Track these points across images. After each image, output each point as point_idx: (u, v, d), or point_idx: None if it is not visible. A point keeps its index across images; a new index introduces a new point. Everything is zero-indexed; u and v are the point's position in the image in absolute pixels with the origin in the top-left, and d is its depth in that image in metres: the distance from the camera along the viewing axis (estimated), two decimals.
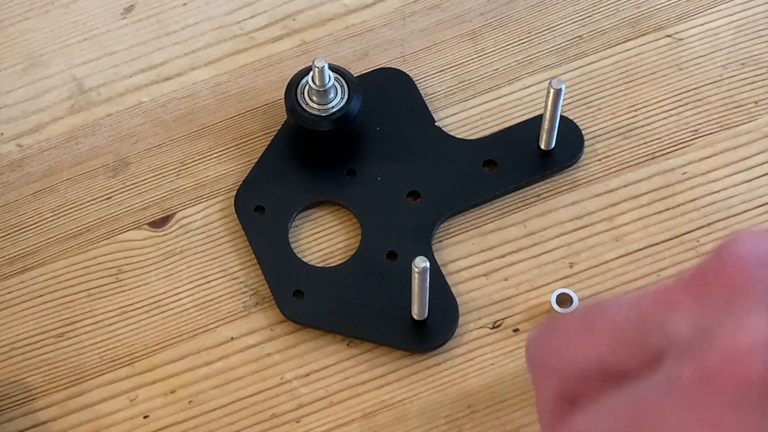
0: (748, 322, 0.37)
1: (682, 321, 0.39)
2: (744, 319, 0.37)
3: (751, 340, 0.36)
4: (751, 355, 0.36)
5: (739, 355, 0.36)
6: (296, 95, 0.59)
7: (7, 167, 0.61)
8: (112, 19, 0.65)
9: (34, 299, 0.58)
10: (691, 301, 0.39)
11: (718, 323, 0.37)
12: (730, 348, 0.36)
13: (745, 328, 0.37)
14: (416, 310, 0.55)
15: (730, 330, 0.37)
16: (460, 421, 0.55)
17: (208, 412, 0.55)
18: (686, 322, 0.39)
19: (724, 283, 0.38)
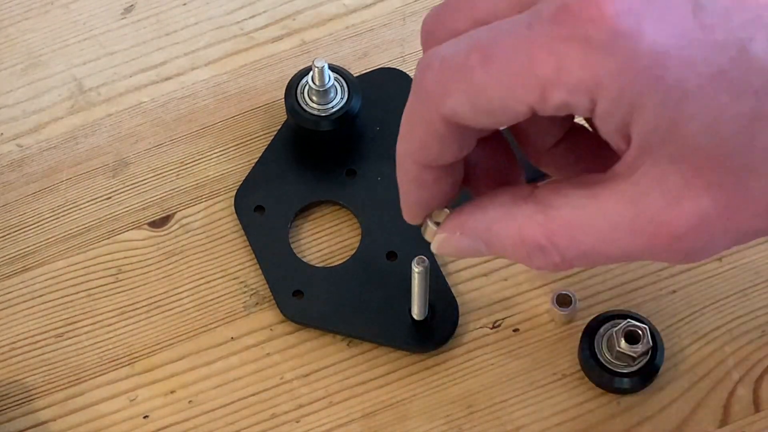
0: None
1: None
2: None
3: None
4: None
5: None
6: (296, 95, 0.59)
7: (7, 167, 0.61)
8: (112, 19, 0.65)
9: (34, 299, 0.58)
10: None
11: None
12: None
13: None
14: (416, 310, 0.55)
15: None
16: (460, 421, 0.55)
17: (208, 412, 0.55)
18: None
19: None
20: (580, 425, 0.54)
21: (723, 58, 0.39)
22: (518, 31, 0.40)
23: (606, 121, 0.40)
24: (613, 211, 0.41)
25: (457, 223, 0.45)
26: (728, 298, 0.57)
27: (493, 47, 0.40)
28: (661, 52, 0.38)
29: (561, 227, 0.42)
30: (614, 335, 0.54)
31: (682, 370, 0.55)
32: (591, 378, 0.55)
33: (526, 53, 0.40)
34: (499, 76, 0.40)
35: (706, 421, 0.54)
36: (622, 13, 0.38)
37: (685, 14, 0.39)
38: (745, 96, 0.39)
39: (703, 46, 0.39)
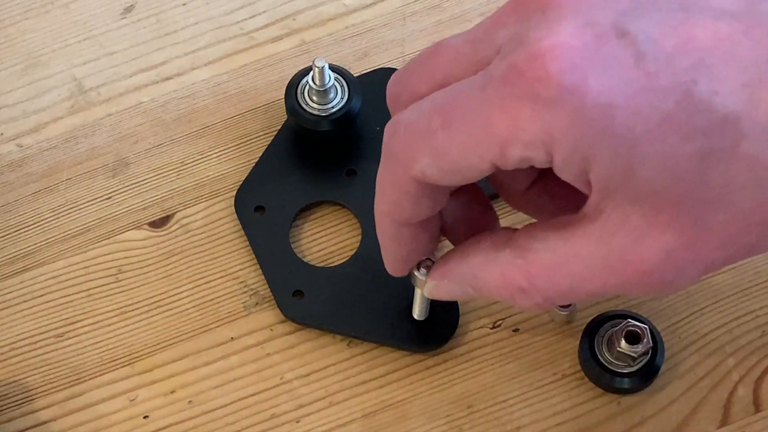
0: (555, 29, 0.41)
1: (504, 35, 0.43)
2: (552, 26, 0.41)
3: (554, 42, 0.40)
4: (552, 54, 0.40)
5: (542, 54, 0.40)
6: (296, 95, 0.59)
7: (7, 167, 0.61)
8: (112, 19, 0.65)
9: (34, 299, 0.58)
10: (514, 16, 0.43)
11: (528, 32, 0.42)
12: (535, 49, 0.41)
13: (551, 33, 0.41)
14: (417, 310, 0.55)
15: (539, 35, 0.41)
16: (460, 421, 0.55)
17: (208, 412, 0.55)
18: (505, 35, 0.43)
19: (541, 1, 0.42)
20: (580, 425, 0.54)
21: (668, 103, 0.40)
22: (474, 93, 0.42)
23: (565, 171, 0.42)
24: (585, 252, 0.44)
25: (443, 271, 0.49)
26: (728, 298, 0.57)
27: (452, 110, 0.43)
28: (608, 103, 0.40)
29: (539, 270, 0.45)
30: (614, 335, 0.54)
31: (682, 370, 0.55)
32: (591, 378, 0.55)
33: (482, 114, 0.42)
34: (459, 137, 0.43)
35: (706, 421, 0.54)
36: (567, 69, 0.40)
37: (628, 64, 0.40)
38: (693, 137, 0.40)
39: (647, 93, 0.40)
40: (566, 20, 0.41)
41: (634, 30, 0.41)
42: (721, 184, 0.41)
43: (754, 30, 0.41)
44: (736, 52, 0.41)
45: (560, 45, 0.40)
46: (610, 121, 0.40)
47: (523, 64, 0.41)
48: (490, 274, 0.47)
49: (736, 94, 0.40)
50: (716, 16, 0.41)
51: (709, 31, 0.41)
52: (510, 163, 0.42)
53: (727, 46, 0.41)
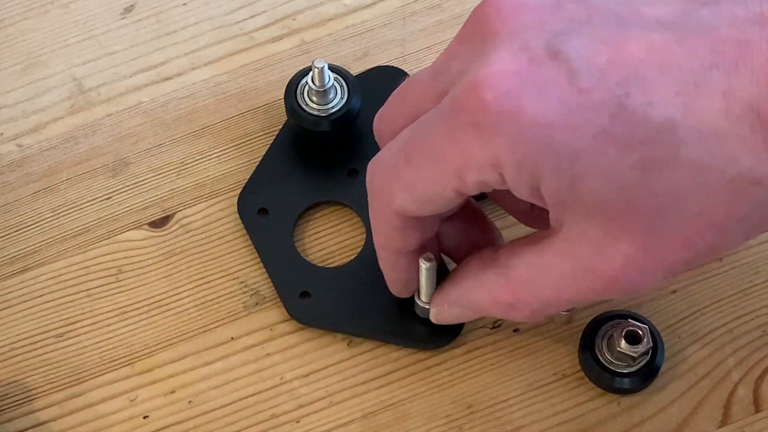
0: (491, 57, 0.43)
1: (456, 66, 0.46)
2: (489, 56, 0.43)
3: (488, 71, 0.42)
4: (487, 84, 0.42)
5: (478, 85, 0.42)
6: (296, 96, 0.59)
7: (7, 167, 0.61)
8: (112, 19, 0.65)
9: (34, 299, 0.58)
10: (462, 48, 0.46)
11: (471, 62, 0.44)
12: (473, 81, 0.43)
13: (487, 62, 0.43)
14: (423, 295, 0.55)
15: (477, 65, 0.43)
16: (460, 421, 0.55)
17: (208, 412, 0.55)
18: (457, 66, 0.46)
19: (482, 28, 0.45)
20: (580, 425, 0.54)
21: (603, 117, 0.42)
22: (428, 128, 0.45)
23: (518, 189, 0.44)
24: (556, 265, 0.46)
25: (442, 297, 0.52)
26: (728, 298, 0.57)
27: (413, 147, 0.46)
28: (544, 123, 0.42)
29: (521, 285, 0.48)
30: (614, 335, 0.54)
31: (682, 370, 0.55)
32: (591, 378, 0.55)
33: (437, 147, 0.45)
34: (421, 172, 0.46)
35: (706, 421, 0.54)
36: (501, 96, 0.42)
37: (562, 83, 0.42)
38: (631, 147, 0.42)
39: (582, 109, 0.42)
40: (501, 47, 0.43)
41: (566, 49, 0.42)
42: (667, 190, 0.42)
43: (688, 40, 0.42)
44: (669, 61, 0.42)
45: (494, 73, 0.42)
46: (549, 140, 0.42)
47: (462, 96, 0.43)
48: (480, 295, 0.50)
49: (671, 103, 0.41)
50: (650, 27, 0.42)
51: (642, 44, 0.42)
52: (470, 188, 0.45)
53: (661, 56, 0.42)
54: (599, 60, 0.42)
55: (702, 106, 0.41)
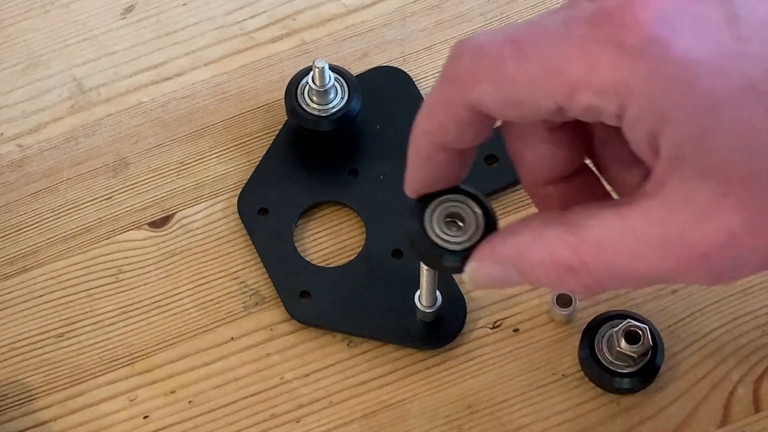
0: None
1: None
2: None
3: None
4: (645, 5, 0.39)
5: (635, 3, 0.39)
6: (296, 96, 0.59)
7: (7, 167, 0.61)
8: (112, 19, 0.65)
9: (34, 299, 0.58)
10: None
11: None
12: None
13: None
14: (425, 299, 0.55)
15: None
16: (460, 421, 0.55)
17: (208, 412, 0.55)
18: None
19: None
20: (580, 425, 0.54)
21: (756, 71, 0.38)
22: (554, 29, 0.40)
23: (634, 129, 0.40)
24: (643, 229, 0.41)
25: (488, 250, 0.45)
26: (728, 298, 0.57)
27: (527, 41, 0.41)
28: (693, 60, 0.38)
29: (591, 247, 0.42)
30: (614, 335, 0.54)
31: (682, 370, 0.55)
32: (591, 378, 0.55)
33: (559, 51, 0.40)
34: (530, 70, 0.40)
35: (706, 421, 0.54)
36: (657, 20, 0.38)
37: (720, 25, 0.39)
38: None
39: (736, 57, 0.39)
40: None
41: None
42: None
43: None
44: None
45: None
46: (693, 80, 0.38)
47: (613, 9, 0.39)
48: (538, 252, 0.43)
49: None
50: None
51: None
52: (577, 108, 0.40)
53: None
54: (763, 9, 0.39)
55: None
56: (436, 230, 0.46)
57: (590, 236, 0.42)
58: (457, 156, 0.45)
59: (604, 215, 0.42)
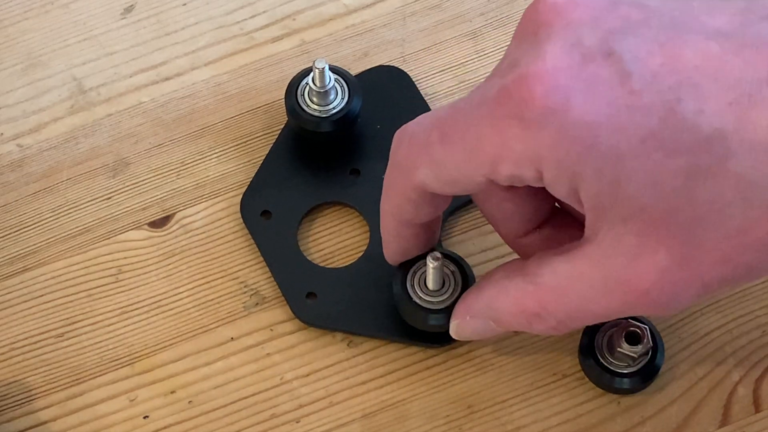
0: (543, 50, 0.42)
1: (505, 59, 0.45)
2: (542, 49, 0.43)
3: (542, 67, 0.42)
4: (537, 77, 0.42)
5: (529, 78, 0.42)
6: (296, 96, 0.59)
7: (7, 167, 0.61)
8: (112, 19, 0.65)
9: (34, 299, 0.58)
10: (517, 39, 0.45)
11: (523, 54, 0.43)
12: (524, 72, 0.42)
13: (539, 55, 0.42)
14: None
15: (528, 58, 0.43)
16: (460, 421, 0.55)
17: (208, 412, 0.55)
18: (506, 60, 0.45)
19: (536, 21, 0.44)
20: (580, 425, 0.54)
21: (652, 120, 0.41)
22: (470, 110, 0.44)
23: (556, 188, 0.44)
24: (587, 274, 0.45)
25: (463, 307, 0.51)
26: (728, 298, 0.57)
27: (449, 125, 0.45)
28: (591, 121, 0.41)
29: (548, 294, 0.46)
30: (614, 335, 0.54)
31: (682, 370, 0.55)
32: (591, 378, 0.55)
33: (475, 131, 0.44)
34: (454, 152, 0.45)
35: (706, 421, 0.54)
36: (550, 90, 0.42)
37: (613, 83, 0.41)
38: (678, 153, 0.41)
39: (631, 110, 0.41)
40: (554, 41, 0.43)
41: (620, 49, 0.42)
42: (710, 201, 0.41)
43: (745, 50, 0.41)
44: (725, 71, 0.41)
45: (545, 67, 0.42)
46: (594, 139, 0.41)
47: (511, 86, 0.42)
48: (504, 303, 0.48)
49: (723, 113, 0.41)
50: (707, 35, 0.42)
51: (698, 50, 0.41)
52: (502, 179, 0.44)
53: (716, 65, 0.41)
54: (653, 62, 0.41)
55: (755, 118, 0.40)
56: (418, 292, 0.54)
57: (545, 284, 0.46)
58: (422, 227, 0.51)
59: (555, 263, 0.46)
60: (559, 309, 0.46)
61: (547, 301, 0.46)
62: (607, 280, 0.44)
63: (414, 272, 0.54)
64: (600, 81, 0.41)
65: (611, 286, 0.44)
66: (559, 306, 0.46)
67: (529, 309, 0.47)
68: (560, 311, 0.46)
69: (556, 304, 0.46)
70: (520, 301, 0.47)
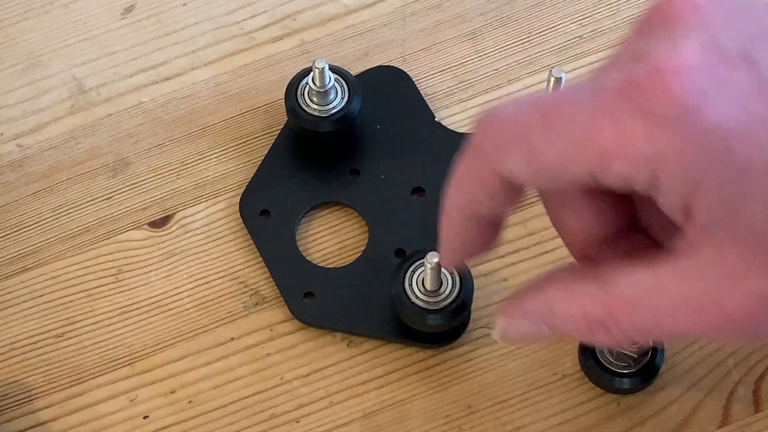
0: (679, 46, 0.39)
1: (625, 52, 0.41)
2: (677, 44, 0.39)
3: (678, 62, 0.39)
4: (675, 72, 0.39)
5: (665, 73, 0.39)
6: (296, 96, 0.59)
7: (7, 167, 0.61)
8: (112, 19, 0.65)
9: (34, 299, 0.58)
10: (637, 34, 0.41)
11: (654, 48, 0.40)
12: (658, 66, 0.39)
13: (675, 50, 0.39)
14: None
15: (662, 51, 0.39)
16: (460, 421, 0.55)
17: (208, 412, 0.55)
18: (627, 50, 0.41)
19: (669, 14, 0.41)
20: (580, 425, 0.54)
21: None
22: (582, 99, 0.40)
23: (668, 196, 0.40)
24: (672, 288, 0.41)
25: (516, 307, 0.46)
26: None
27: (555, 112, 0.41)
28: (726, 129, 0.38)
29: (621, 304, 0.42)
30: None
31: (682, 370, 0.55)
32: (591, 378, 0.55)
33: (589, 122, 0.40)
34: (559, 140, 0.40)
35: (706, 421, 0.54)
36: (688, 89, 0.38)
37: (751, 93, 0.39)
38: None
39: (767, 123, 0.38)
40: (691, 39, 0.40)
41: (759, 55, 0.39)
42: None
43: None
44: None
45: (684, 64, 0.39)
46: (726, 149, 0.38)
47: (643, 79, 0.39)
48: (568, 307, 0.44)
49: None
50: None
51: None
52: (609, 177, 0.40)
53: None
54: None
55: None
56: (417, 293, 0.54)
57: (620, 293, 0.42)
58: (489, 225, 0.45)
59: (634, 272, 0.42)
60: (629, 321, 0.42)
61: (619, 310, 0.42)
62: (695, 298, 0.41)
63: (412, 272, 0.54)
64: (737, 86, 0.39)
65: (699, 305, 0.41)
66: (630, 318, 0.42)
67: (596, 317, 0.43)
68: (630, 323, 0.42)
69: (628, 316, 0.42)
70: (586, 306, 0.43)
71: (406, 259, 0.54)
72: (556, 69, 0.55)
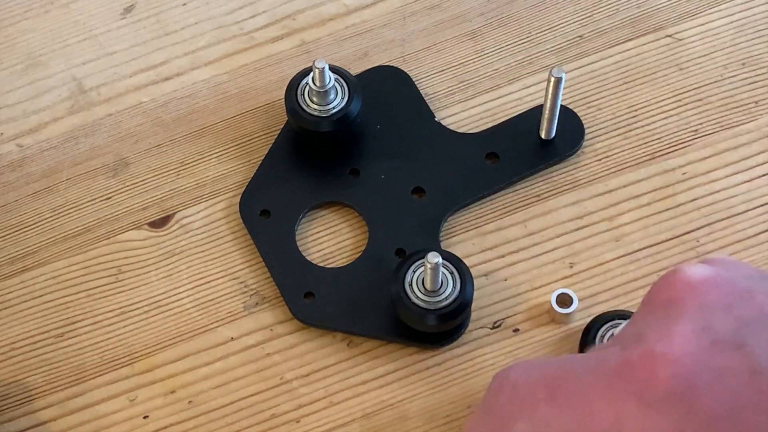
0: (673, 331, 0.41)
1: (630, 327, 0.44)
2: (671, 328, 0.41)
3: (671, 348, 0.41)
4: (665, 359, 0.41)
5: (655, 357, 0.41)
6: (296, 96, 0.59)
7: (7, 167, 0.61)
8: (112, 19, 0.65)
9: (34, 299, 0.58)
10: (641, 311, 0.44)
11: (651, 328, 0.42)
12: (652, 350, 0.41)
13: (671, 336, 0.41)
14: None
15: (656, 335, 0.41)
16: (460, 421, 0.55)
17: (208, 412, 0.55)
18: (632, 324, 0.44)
19: (667, 294, 0.43)
20: None
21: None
22: (584, 375, 0.43)
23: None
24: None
25: None
26: None
27: (558, 384, 0.44)
28: (715, 415, 0.40)
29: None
30: (614, 335, 0.54)
31: None
32: None
33: (588, 399, 0.42)
34: (561, 414, 0.43)
35: None
36: (678, 375, 0.40)
37: (741, 378, 0.40)
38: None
39: (757, 411, 0.40)
40: (685, 321, 0.41)
41: (752, 342, 0.40)
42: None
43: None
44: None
45: (674, 350, 0.41)
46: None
47: (636, 360, 0.41)
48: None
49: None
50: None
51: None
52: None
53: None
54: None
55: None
56: (417, 293, 0.54)
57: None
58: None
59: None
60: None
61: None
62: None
63: (412, 272, 0.54)
64: (728, 373, 0.40)
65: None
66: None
67: None
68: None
69: None
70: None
71: (406, 259, 0.54)
72: (556, 69, 0.55)
